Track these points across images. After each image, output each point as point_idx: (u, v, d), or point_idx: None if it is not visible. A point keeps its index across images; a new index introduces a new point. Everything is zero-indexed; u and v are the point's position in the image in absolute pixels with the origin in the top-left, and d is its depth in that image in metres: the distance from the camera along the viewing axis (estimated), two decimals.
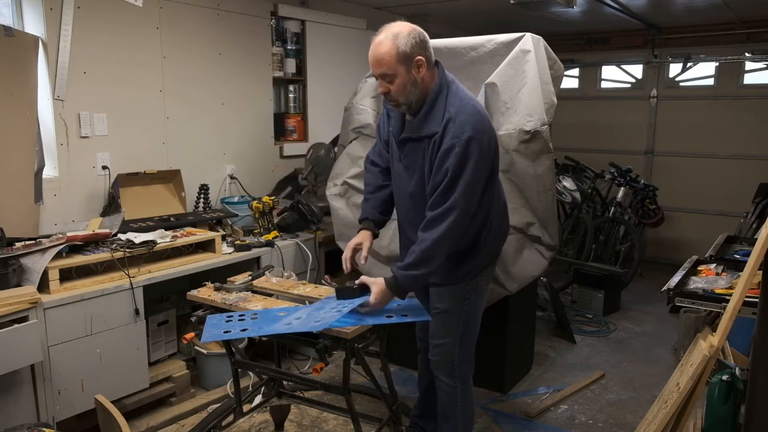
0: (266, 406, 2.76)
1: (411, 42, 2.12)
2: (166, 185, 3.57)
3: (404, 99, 2.18)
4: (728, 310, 2.00)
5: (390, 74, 2.13)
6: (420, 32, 2.16)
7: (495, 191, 2.37)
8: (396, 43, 2.11)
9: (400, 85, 2.15)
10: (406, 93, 2.17)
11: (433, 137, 2.18)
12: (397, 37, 2.11)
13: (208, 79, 3.81)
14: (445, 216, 2.14)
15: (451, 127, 2.14)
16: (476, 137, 2.13)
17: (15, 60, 2.87)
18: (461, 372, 2.47)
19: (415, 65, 2.13)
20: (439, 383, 2.50)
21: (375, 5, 4.95)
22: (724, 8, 4.90)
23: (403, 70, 2.13)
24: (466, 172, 2.12)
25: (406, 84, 2.15)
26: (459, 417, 2.52)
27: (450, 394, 2.48)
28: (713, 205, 6.01)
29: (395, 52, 2.11)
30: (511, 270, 3.15)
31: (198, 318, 2.43)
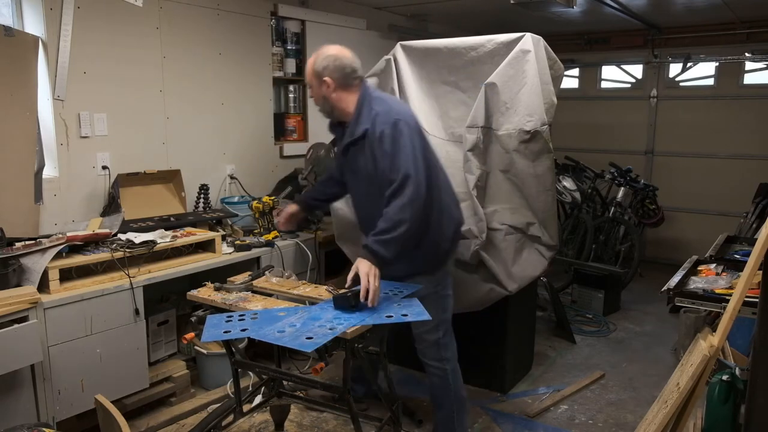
0: (266, 406, 2.75)
1: (325, 62, 2.49)
2: (166, 185, 3.57)
3: (319, 107, 2.61)
4: (728, 310, 2.00)
5: (308, 83, 2.59)
6: (337, 57, 2.50)
7: (438, 180, 2.58)
8: (316, 59, 2.53)
9: (314, 95, 2.58)
10: (319, 103, 2.59)
11: (366, 133, 2.47)
12: (319, 55, 2.53)
13: (208, 79, 3.81)
14: (401, 187, 2.35)
15: (379, 119, 2.44)
16: (401, 119, 2.44)
17: (15, 60, 2.87)
18: (447, 356, 2.67)
19: (323, 83, 2.50)
20: (429, 369, 2.69)
21: (375, 5, 4.95)
22: (724, 8, 4.90)
23: (316, 83, 2.53)
24: (403, 145, 2.39)
25: (318, 96, 2.56)
26: (453, 401, 2.69)
27: (441, 378, 2.67)
28: (713, 205, 6.01)
29: (312, 66, 2.53)
30: (511, 270, 3.16)
31: (198, 318, 2.43)
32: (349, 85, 2.51)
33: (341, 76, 2.49)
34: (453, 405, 2.68)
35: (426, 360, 2.68)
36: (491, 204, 3.20)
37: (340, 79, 2.49)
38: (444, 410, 2.70)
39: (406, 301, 2.36)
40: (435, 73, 3.40)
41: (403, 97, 3.36)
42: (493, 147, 3.15)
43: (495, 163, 3.16)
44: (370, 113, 2.46)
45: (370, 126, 2.43)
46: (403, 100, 3.35)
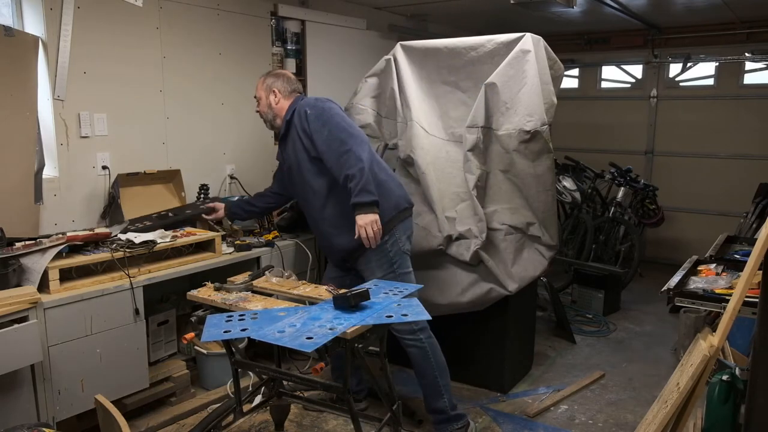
0: (266, 406, 2.75)
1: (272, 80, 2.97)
2: (166, 185, 3.57)
3: (264, 116, 3.02)
4: (728, 310, 2.00)
5: (256, 96, 3.02)
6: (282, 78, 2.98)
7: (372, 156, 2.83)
8: (266, 78, 3.01)
9: (261, 107, 3.01)
10: (265, 113, 3.00)
11: (291, 118, 2.86)
12: (269, 75, 3.02)
13: (208, 79, 3.81)
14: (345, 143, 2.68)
15: (299, 106, 2.84)
16: (322, 99, 2.83)
17: (15, 60, 2.87)
18: (418, 327, 2.82)
19: (271, 93, 2.95)
20: (407, 343, 2.84)
21: (375, 5, 4.95)
22: (724, 8, 4.90)
23: (264, 95, 2.98)
24: (332, 118, 2.74)
25: (264, 106, 2.99)
26: (434, 367, 2.84)
27: (420, 348, 2.83)
28: (713, 205, 6.01)
29: (263, 83, 3.00)
30: (511, 270, 3.16)
31: (198, 318, 2.43)
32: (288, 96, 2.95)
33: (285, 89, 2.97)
34: (435, 371, 2.84)
35: (401, 335, 2.84)
36: (491, 204, 3.20)
37: (285, 90, 2.96)
38: (427, 377, 2.85)
39: (406, 301, 2.36)
40: (435, 73, 3.40)
41: (403, 97, 3.36)
42: (493, 147, 3.15)
43: (495, 163, 3.17)
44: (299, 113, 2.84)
45: (291, 114, 2.85)
46: (403, 100, 3.35)
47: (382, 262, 2.81)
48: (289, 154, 2.93)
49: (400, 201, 2.86)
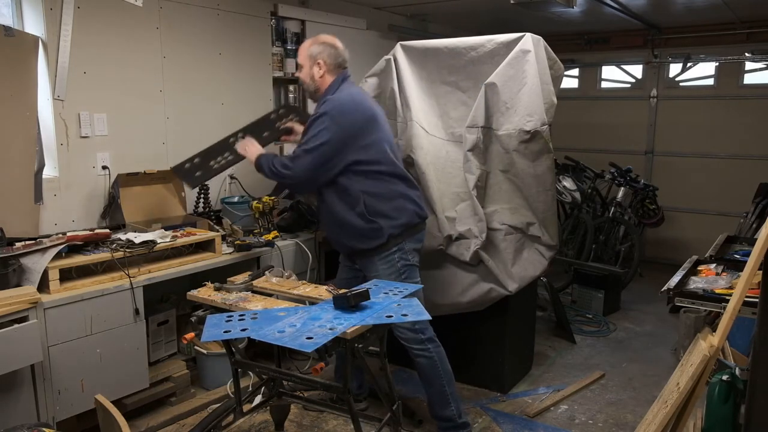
0: (266, 406, 2.75)
1: (320, 48, 2.80)
2: (166, 185, 3.57)
3: (305, 86, 2.89)
4: (728, 310, 2.00)
5: (299, 63, 2.87)
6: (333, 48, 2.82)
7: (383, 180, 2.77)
8: (311, 44, 2.83)
9: (302, 75, 2.85)
10: (305, 83, 2.86)
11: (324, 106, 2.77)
12: (316, 40, 2.83)
13: (208, 79, 3.81)
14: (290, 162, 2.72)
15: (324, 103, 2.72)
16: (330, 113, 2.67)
17: (15, 60, 2.87)
18: (426, 337, 2.80)
19: (315, 63, 2.79)
20: (415, 353, 2.81)
21: (375, 5, 4.95)
22: (724, 8, 4.90)
23: (308, 64, 2.81)
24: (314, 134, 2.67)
25: (306, 76, 2.83)
26: (442, 377, 2.82)
27: (428, 358, 2.80)
28: (713, 205, 6.01)
29: (307, 49, 2.83)
30: (511, 270, 3.16)
31: (198, 318, 2.43)
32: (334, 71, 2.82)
33: (334, 63, 2.82)
34: (443, 380, 2.82)
35: (408, 345, 2.82)
36: (491, 204, 3.20)
37: (331, 65, 2.81)
38: (435, 386, 2.83)
39: (406, 301, 2.36)
40: (435, 73, 3.40)
41: (403, 97, 3.36)
42: (493, 147, 3.15)
43: (495, 163, 3.17)
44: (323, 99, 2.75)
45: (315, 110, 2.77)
46: (403, 100, 3.35)
47: (389, 272, 2.78)
48: None
49: (413, 217, 2.81)
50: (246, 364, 2.71)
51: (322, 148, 2.65)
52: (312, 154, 2.66)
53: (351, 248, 2.86)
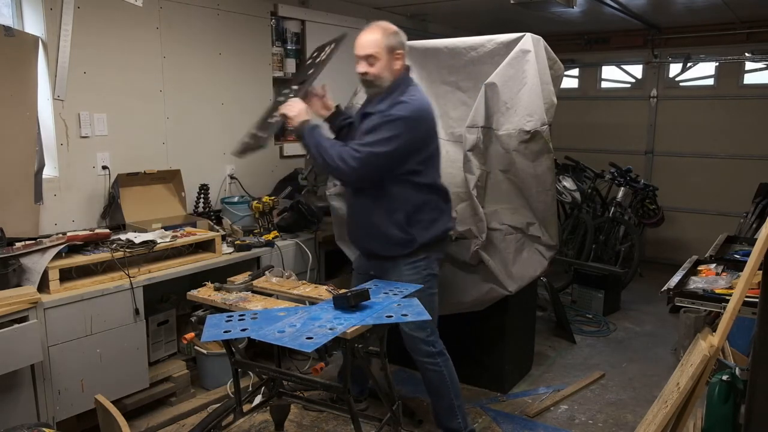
0: (266, 406, 2.75)
1: (396, 38, 2.59)
2: (166, 185, 3.57)
3: (379, 81, 2.59)
4: (728, 310, 2.00)
5: (373, 56, 2.56)
6: (403, 35, 2.63)
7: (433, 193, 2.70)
8: (385, 34, 2.58)
9: (379, 68, 2.57)
10: (381, 77, 2.58)
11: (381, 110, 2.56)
12: (386, 30, 2.60)
13: (208, 79, 3.81)
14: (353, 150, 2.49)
15: (400, 106, 2.53)
16: (410, 118, 2.51)
17: (15, 60, 2.87)
18: (437, 350, 2.75)
19: (394, 56, 2.58)
20: (422, 365, 2.77)
21: (375, 5, 4.95)
22: (724, 8, 4.90)
23: (386, 56, 2.56)
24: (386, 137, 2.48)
25: (384, 69, 2.57)
26: (450, 390, 2.78)
27: (437, 372, 2.75)
28: (713, 205, 6.01)
29: (384, 39, 2.56)
30: (511, 270, 3.15)
31: (198, 318, 2.43)
32: (406, 64, 2.66)
33: (405, 54, 2.65)
34: (451, 393, 2.78)
35: (418, 357, 2.76)
36: (491, 204, 3.20)
37: (404, 55, 2.64)
38: (444, 399, 2.79)
39: (406, 301, 2.36)
40: (435, 73, 3.40)
41: None
42: (493, 147, 3.15)
43: (495, 163, 3.16)
44: (397, 98, 2.55)
45: (387, 107, 2.54)
46: None
47: (414, 279, 2.67)
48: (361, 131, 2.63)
49: (445, 230, 2.77)
50: (246, 364, 2.71)
51: (393, 154, 2.50)
52: (379, 158, 2.49)
53: (376, 252, 2.75)
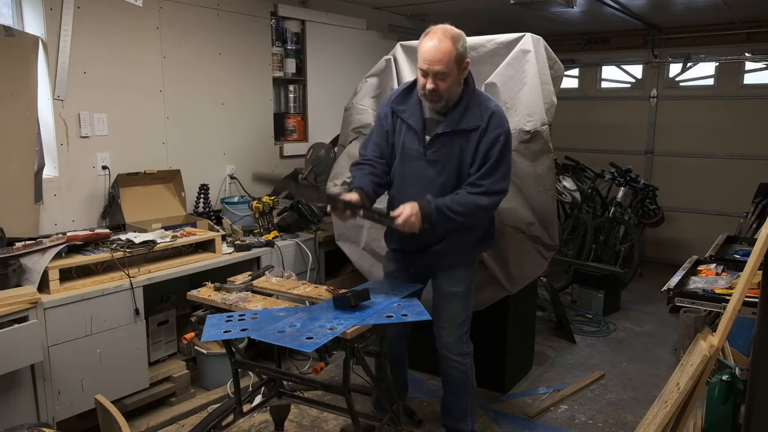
0: (266, 406, 2.75)
1: (465, 45, 2.39)
2: (166, 185, 3.57)
3: (447, 96, 2.39)
4: (728, 310, 2.00)
5: (445, 72, 2.32)
6: (466, 38, 2.42)
7: None
8: (455, 45, 2.33)
9: (451, 84, 2.36)
10: (450, 91, 2.38)
11: (477, 129, 2.41)
12: (455, 40, 2.34)
13: (208, 79, 3.81)
14: (487, 194, 2.41)
15: (495, 120, 2.41)
16: (510, 130, 2.48)
17: (15, 60, 2.87)
18: (469, 350, 2.71)
19: (463, 67, 2.39)
20: (451, 363, 2.68)
21: (375, 5, 4.95)
22: (724, 8, 4.90)
23: (456, 70, 2.35)
24: (506, 158, 2.44)
25: (454, 84, 2.38)
26: (470, 392, 2.74)
27: (463, 372, 2.69)
28: (713, 205, 6.01)
29: (455, 53, 2.32)
30: (511, 270, 3.15)
31: (198, 318, 2.43)
32: None
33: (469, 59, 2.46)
34: (470, 395, 2.74)
35: (450, 354, 2.68)
36: None
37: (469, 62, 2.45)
38: (461, 400, 2.74)
39: (406, 301, 2.36)
40: None
41: None
42: None
43: None
44: (482, 110, 2.42)
45: (484, 125, 2.40)
46: None
47: (467, 276, 2.64)
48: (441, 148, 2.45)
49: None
50: (246, 364, 2.71)
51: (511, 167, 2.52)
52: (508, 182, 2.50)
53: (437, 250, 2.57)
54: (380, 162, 2.60)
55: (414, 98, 2.51)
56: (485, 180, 2.40)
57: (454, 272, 2.62)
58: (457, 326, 2.65)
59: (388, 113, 2.58)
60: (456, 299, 2.62)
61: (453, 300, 2.62)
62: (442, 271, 2.64)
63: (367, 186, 2.49)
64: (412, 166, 2.52)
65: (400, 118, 2.54)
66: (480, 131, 2.40)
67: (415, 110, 2.50)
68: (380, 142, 2.60)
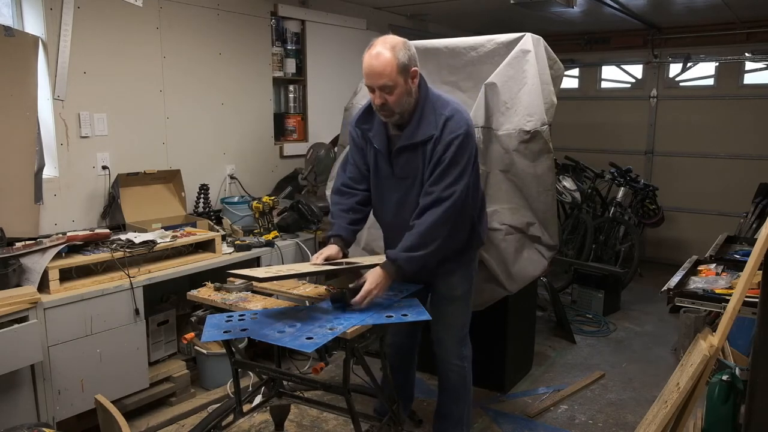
0: (266, 406, 2.75)
1: (408, 54, 2.24)
2: (166, 185, 3.57)
3: (399, 109, 2.28)
4: (728, 310, 2.00)
5: (390, 85, 2.21)
6: (410, 44, 2.30)
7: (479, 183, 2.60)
8: (396, 55, 2.20)
9: (399, 96, 2.24)
10: (401, 103, 2.27)
11: (432, 139, 2.30)
12: (395, 48, 2.21)
13: (207, 79, 3.81)
14: (441, 201, 2.27)
15: (450, 125, 2.28)
16: (470, 132, 2.33)
17: (15, 60, 2.87)
18: (468, 353, 2.68)
19: (410, 76, 2.26)
20: (450, 367, 2.66)
21: (375, 5, 4.95)
22: (724, 8, 4.90)
23: (402, 81, 2.23)
24: (463, 161, 2.28)
25: (403, 95, 2.25)
26: (467, 398, 2.72)
27: (462, 376, 2.67)
28: (713, 205, 6.01)
29: (396, 63, 2.20)
30: (511, 270, 3.15)
31: (198, 318, 2.43)
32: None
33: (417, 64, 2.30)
34: (466, 401, 2.72)
35: (449, 358, 2.65)
36: (491, 204, 3.19)
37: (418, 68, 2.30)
38: (458, 406, 2.71)
39: (406, 301, 2.36)
40: (435, 73, 3.39)
41: None
42: (493, 147, 3.15)
43: (495, 163, 3.16)
44: (436, 118, 2.29)
45: (438, 133, 2.28)
46: None
47: (465, 279, 2.60)
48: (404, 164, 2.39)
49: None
50: (246, 364, 2.71)
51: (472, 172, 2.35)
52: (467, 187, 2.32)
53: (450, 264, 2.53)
54: (359, 189, 2.57)
55: (378, 119, 2.41)
56: (436, 186, 2.28)
57: (452, 276, 2.58)
58: (456, 330, 2.63)
59: (358, 135, 2.53)
60: (455, 303, 2.60)
61: (452, 304, 2.60)
62: (440, 276, 2.58)
63: (346, 233, 2.51)
64: (385, 185, 2.49)
65: (366, 137, 2.49)
66: (434, 140, 2.28)
67: (379, 129, 2.42)
68: (358, 162, 2.57)
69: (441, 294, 2.60)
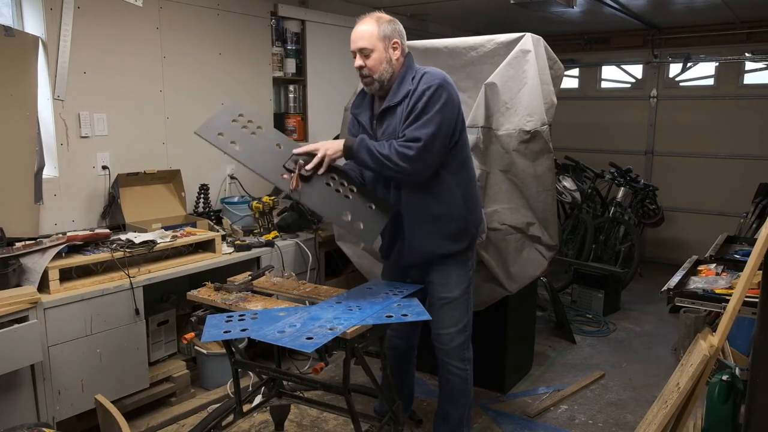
0: (266, 406, 2.75)
1: (392, 26, 2.42)
2: (166, 185, 3.57)
3: (378, 75, 2.41)
4: (728, 310, 2.00)
5: (369, 48, 2.39)
6: (399, 23, 2.46)
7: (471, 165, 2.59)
8: (379, 24, 2.41)
9: (377, 61, 2.40)
10: (379, 70, 2.40)
11: (408, 94, 2.38)
12: (381, 20, 2.42)
13: (208, 79, 3.81)
14: (407, 142, 2.31)
15: (425, 78, 2.37)
16: (444, 85, 2.36)
17: (15, 60, 2.87)
18: (469, 356, 2.66)
19: (391, 45, 2.41)
20: (451, 369, 2.64)
21: (375, 5, 4.95)
22: (724, 8, 4.90)
23: (381, 47, 2.39)
24: (432, 109, 2.32)
25: (382, 61, 2.40)
26: (468, 400, 2.70)
27: (463, 378, 2.65)
28: (713, 205, 6.01)
29: (377, 29, 2.39)
30: (511, 270, 3.15)
31: (198, 318, 2.43)
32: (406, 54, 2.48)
33: (405, 43, 2.47)
34: (467, 403, 2.70)
35: (450, 361, 2.63)
36: (491, 204, 3.20)
37: (404, 45, 2.46)
38: (458, 407, 2.69)
39: (406, 301, 2.36)
40: None
41: None
42: (493, 147, 3.15)
43: (495, 163, 3.16)
44: (415, 76, 2.39)
45: (414, 86, 2.36)
46: None
47: (462, 279, 2.58)
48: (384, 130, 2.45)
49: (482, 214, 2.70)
50: (246, 364, 2.71)
51: (445, 126, 2.34)
52: (438, 138, 2.32)
53: (431, 254, 2.51)
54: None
55: (367, 99, 2.58)
56: (407, 129, 2.34)
57: (448, 277, 2.56)
58: (457, 332, 2.60)
59: (352, 119, 2.66)
60: (453, 304, 2.57)
61: (450, 305, 2.57)
62: (436, 277, 2.56)
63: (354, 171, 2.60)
64: None
65: (357, 120, 2.60)
66: (409, 95, 2.36)
67: (366, 107, 2.57)
68: None
69: (439, 296, 2.58)
